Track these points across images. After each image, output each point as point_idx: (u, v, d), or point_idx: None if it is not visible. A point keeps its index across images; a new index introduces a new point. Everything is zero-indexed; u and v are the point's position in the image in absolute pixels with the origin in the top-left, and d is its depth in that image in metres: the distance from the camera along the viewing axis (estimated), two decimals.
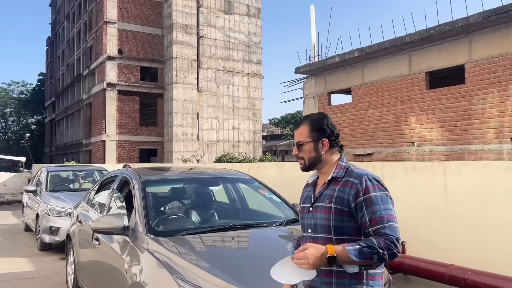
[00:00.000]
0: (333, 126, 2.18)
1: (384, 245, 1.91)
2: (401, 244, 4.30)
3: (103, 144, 29.32)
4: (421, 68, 11.33)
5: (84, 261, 4.69)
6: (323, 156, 2.17)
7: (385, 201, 2.02)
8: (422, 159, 10.80)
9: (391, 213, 2.00)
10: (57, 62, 48.41)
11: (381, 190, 2.04)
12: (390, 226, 1.96)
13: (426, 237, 4.40)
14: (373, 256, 1.90)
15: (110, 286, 3.75)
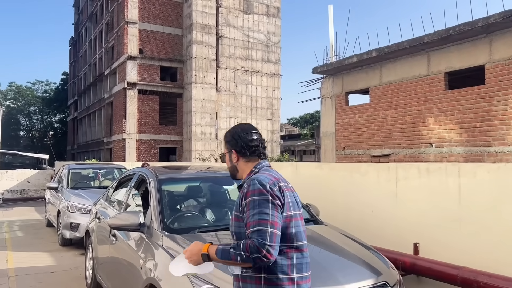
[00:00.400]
0: (245, 137, 2.28)
1: (247, 248, 1.92)
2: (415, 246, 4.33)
3: (124, 143, 29.78)
4: (440, 68, 11.19)
5: (102, 256, 4.83)
6: (238, 165, 2.29)
7: (261, 205, 2.00)
8: (440, 160, 10.68)
9: (264, 218, 1.98)
10: (80, 62, 49.36)
11: (261, 194, 2.03)
12: (258, 231, 1.95)
13: (439, 239, 4.39)
14: (237, 258, 1.94)
15: (126, 281, 3.87)
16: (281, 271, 2.04)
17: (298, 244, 2.11)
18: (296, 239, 2.11)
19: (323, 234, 3.90)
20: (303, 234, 2.18)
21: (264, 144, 2.38)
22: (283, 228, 2.04)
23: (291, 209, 2.12)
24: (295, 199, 2.23)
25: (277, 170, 6.65)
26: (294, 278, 2.06)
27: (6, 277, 6.19)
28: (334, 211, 5.50)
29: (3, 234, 10.13)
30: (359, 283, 2.93)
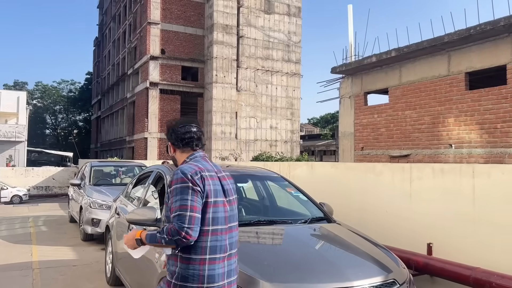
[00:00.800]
0: (178, 130, 2.54)
1: (169, 232, 2.18)
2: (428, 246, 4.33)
3: (145, 141, 30.26)
4: (460, 68, 11.04)
5: (120, 251, 4.99)
6: (176, 156, 2.58)
7: (182, 192, 2.24)
8: (460, 161, 10.54)
9: (184, 203, 2.22)
10: (104, 62, 50.30)
11: (182, 182, 2.26)
12: (178, 215, 2.19)
13: (452, 239, 4.39)
14: (162, 241, 2.21)
15: (143, 275, 4.00)
16: (195, 251, 2.27)
17: (213, 228, 2.32)
18: (212, 223, 2.31)
19: (335, 232, 3.96)
20: (223, 219, 2.37)
21: (200, 136, 2.60)
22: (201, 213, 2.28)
23: (211, 196, 2.33)
24: (223, 187, 2.46)
25: (293, 169, 6.73)
26: (206, 259, 2.29)
27: (30, 269, 6.44)
28: (348, 210, 5.54)
29: (28, 228, 10.49)
30: (368, 279, 2.98)
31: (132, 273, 4.48)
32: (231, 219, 2.45)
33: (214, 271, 2.30)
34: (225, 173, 2.57)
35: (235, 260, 2.48)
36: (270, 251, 3.48)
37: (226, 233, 2.38)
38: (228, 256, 2.39)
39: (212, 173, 2.44)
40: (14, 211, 14.30)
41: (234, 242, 2.46)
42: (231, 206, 2.47)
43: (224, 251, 2.36)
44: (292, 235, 3.82)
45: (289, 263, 3.14)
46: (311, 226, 4.06)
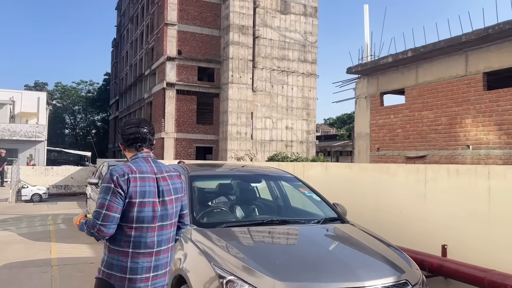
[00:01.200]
0: (124, 130, 2.72)
1: (89, 224, 2.48)
2: (443, 247, 4.30)
3: (162, 141, 30.57)
4: (478, 68, 10.88)
5: None
6: (125, 154, 2.78)
7: (105, 192, 2.48)
8: (478, 162, 10.39)
9: (103, 202, 2.46)
10: (121, 63, 50.95)
11: (108, 182, 2.49)
12: (96, 212, 2.46)
13: (468, 241, 4.35)
14: (85, 231, 2.52)
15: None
16: (119, 244, 2.50)
17: (138, 225, 2.50)
18: (137, 221, 2.50)
19: (347, 232, 3.97)
20: (150, 218, 2.54)
21: (145, 137, 2.70)
22: (125, 211, 2.47)
23: (136, 197, 2.49)
24: (159, 188, 2.60)
25: (307, 169, 6.74)
26: (129, 252, 2.49)
27: (49, 266, 6.60)
28: (363, 211, 5.53)
29: (48, 226, 10.72)
30: (380, 280, 2.99)
31: None
32: (162, 218, 2.59)
33: (137, 264, 2.50)
34: (173, 173, 2.73)
35: (167, 255, 2.64)
36: (282, 250, 3.51)
37: (153, 231, 2.55)
38: (156, 252, 2.57)
39: (147, 174, 2.57)
40: (34, 209, 14.61)
41: (164, 239, 2.61)
42: (165, 206, 2.60)
43: (150, 247, 2.53)
44: (305, 235, 3.84)
45: (301, 262, 3.16)
46: (324, 226, 4.08)
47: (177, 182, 2.74)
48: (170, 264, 2.70)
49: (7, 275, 6.05)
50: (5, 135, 34.37)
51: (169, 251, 2.68)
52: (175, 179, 2.73)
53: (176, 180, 2.74)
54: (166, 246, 2.64)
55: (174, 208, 2.68)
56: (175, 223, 2.73)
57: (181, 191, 2.77)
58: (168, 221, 2.64)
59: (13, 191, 18.34)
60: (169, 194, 2.64)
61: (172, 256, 2.72)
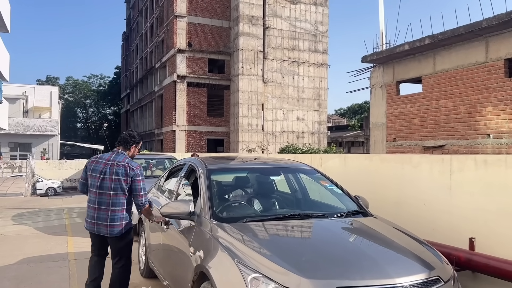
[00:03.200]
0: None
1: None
2: (470, 240, 4.15)
3: (174, 134, 30.61)
4: (499, 55, 10.57)
5: (154, 243, 5.01)
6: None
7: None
8: (499, 152, 10.12)
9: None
10: (132, 56, 51.06)
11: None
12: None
13: (497, 234, 4.19)
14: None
15: (176, 268, 3.99)
16: (88, 200, 4.24)
17: (90, 189, 4.19)
18: (90, 186, 4.19)
19: (372, 227, 3.83)
20: (95, 185, 4.15)
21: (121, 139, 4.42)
22: (87, 179, 4.24)
23: (90, 171, 4.20)
24: (104, 169, 4.14)
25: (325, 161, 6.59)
26: (87, 204, 4.24)
27: (66, 260, 6.58)
28: (384, 203, 5.38)
29: (63, 220, 10.75)
30: (410, 277, 2.85)
31: (166, 266, 4.48)
32: (101, 187, 4.10)
33: (88, 212, 4.20)
34: (121, 163, 4.15)
35: (107, 214, 4.09)
36: (307, 245, 3.38)
37: (95, 194, 4.13)
38: (98, 208, 4.12)
39: (101, 160, 4.21)
40: (49, 203, 14.71)
41: (103, 202, 4.10)
42: (104, 181, 4.10)
43: (93, 204, 4.15)
44: (328, 229, 3.70)
45: (328, 258, 3.03)
46: (347, 220, 3.93)
47: (121, 169, 4.12)
48: (113, 221, 4.10)
49: (26, 269, 6.04)
50: (19, 130, 34.71)
51: (109, 212, 4.09)
52: (120, 167, 4.13)
53: (120, 168, 4.13)
54: (106, 208, 4.09)
55: (113, 184, 4.08)
56: (114, 195, 4.09)
57: (123, 175, 4.10)
58: (106, 191, 4.09)
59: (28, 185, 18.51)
60: (110, 174, 4.09)
61: (116, 217, 4.11)
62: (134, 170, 4.13)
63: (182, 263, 3.75)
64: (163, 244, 4.55)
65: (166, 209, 3.82)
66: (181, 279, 3.73)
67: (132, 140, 4.34)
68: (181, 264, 3.77)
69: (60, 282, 5.47)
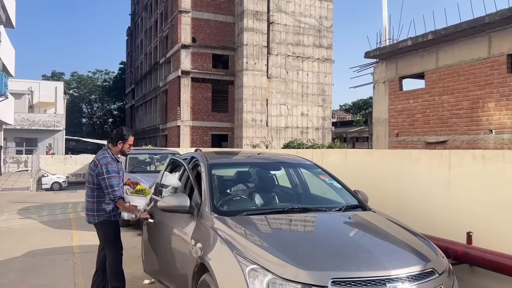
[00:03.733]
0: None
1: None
2: (468, 234, 4.21)
3: (178, 129, 30.69)
4: (502, 50, 10.55)
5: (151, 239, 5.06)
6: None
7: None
8: (501, 147, 10.13)
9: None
10: (136, 51, 51.13)
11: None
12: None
13: (494, 229, 4.23)
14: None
15: (178, 260, 4.07)
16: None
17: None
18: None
19: (370, 220, 3.89)
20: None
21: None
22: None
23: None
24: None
25: (326, 156, 6.65)
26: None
27: (71, 253, 6.70)
28: (384, 198, 5.43)
29: (68, 214, 10.89)
30: (405, 269, 2.91)
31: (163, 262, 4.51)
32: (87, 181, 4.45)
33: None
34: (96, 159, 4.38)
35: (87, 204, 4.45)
36: (305, 238, 3.45)
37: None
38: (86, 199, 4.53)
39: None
40: (54, 198, 14.87)
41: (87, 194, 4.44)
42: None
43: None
44: (327, 222, 3.77)
45: (324, 250, 3.10)
46: (346, 214, 4.00)
47: (92, 163, 4.39)
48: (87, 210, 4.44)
49: (32, 262, 6.16)
50: (24, 125, 34.94)
51: (86, 202, 4.46)
52: (92, 162, 4.41)
53: (92, 162, 4.41)
54: (87, 199, 4.42)
55: (90, 178, 4.33)
56: (87, 187, 4.41)
57: (91, 169, 4.33)
58: (87, 184, 4.42)
59: (34, 180, 18.68)
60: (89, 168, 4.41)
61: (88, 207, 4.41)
62: (98, 166, 4.28)
63: (183, 255, 3.82)
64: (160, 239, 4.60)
65: (164, 204, 3.91)
66: (180, 272, 3.81)
67: (117, 136, 4.47)
68: (182, 257, 3.85)
69: (65, 274, 5.59)
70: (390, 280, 2.79)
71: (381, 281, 2.78)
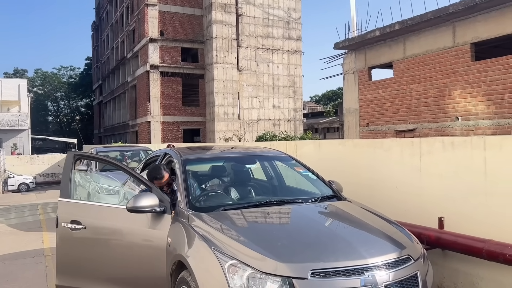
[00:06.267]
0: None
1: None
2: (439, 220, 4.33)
3: (148, 125, 30.22)
4: (466, 39, 10.85)
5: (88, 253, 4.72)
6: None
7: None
8: (467, 134, 10.45)
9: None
10: (102, 46, 49.91)
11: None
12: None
13: (464, 213, 4.36)
14: None
15: (144, 263, 3.77)
16: None
17: None
18: None
19: (346, 210, 3.93)
20: None
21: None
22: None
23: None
24: None
25: (300, 147, 6.67)
26: None
27: (42, 256, 6.51)
28: (357, 187, 5.50)
29: (38, 216, 10.57)
30: (382, 257, 2.96)
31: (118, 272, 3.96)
32: None
33: None
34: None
35: None
36: (282, 231, 3.45)
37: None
38: None
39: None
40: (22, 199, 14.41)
41: None
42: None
43: None
44: (303, 214, 3.79)
45: (303, 242, 3.12)
46: (321, 204, 4.03)
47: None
48: None
49: (1, 267, 5.94)
50: None
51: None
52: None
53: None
54: None
55: None
56: None
57: None
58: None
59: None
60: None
61: None
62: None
63: (150, 257, 3.63)
64: (105, 246, 3.96)
65: (133, 204, 3.56)
66: (147, 275, 3.65)
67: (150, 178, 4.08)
68: (149, 259, 3.64)
69: (37, 278, 5.42)
70: (368, 269, 2.84)
71: (359, 270, 2.82)
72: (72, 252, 4.00)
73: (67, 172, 4.12)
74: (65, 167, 4.17)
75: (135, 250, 3.76)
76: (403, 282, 2.95)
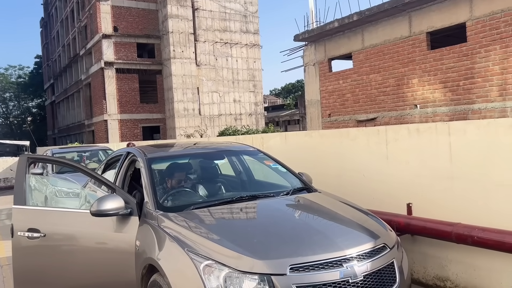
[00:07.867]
0: None
1: None
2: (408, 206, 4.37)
3: (105, 124, 29.34)
4: (421, 28, 11.13)
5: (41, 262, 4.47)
6: None
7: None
8: (426, 121, 10.76)
9: None
10: (53, 43, 47.92)
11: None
12: None
13: (432, 198, 4.42)
14: None
15: (110, 270, 3.57)
16: None
17: None
18: None
19: (317, 202, 3.89)
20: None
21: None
22: None
23: None
24: None
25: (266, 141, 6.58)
26: None
27: None
28: (326, 177, 5.50)
29: None
30: (358, 247, 2.93)
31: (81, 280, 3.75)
32: None
33: None
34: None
35: None
36: (257, 227, 3.36)
37: None
38: None
39: None
40: None
41: None
42: None
43: None
44: (276, 208, 3.71)
45: (279, 237, 3.03)
46: (293, 197, 3.96)
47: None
48: None
49: None
50: None
51: None
52: None
53: None
54: None
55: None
56: None
57: None
58: None
59: None
60: None
61: None
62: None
63: (117, 263, 3.45)
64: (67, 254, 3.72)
65: (96, 207, 3.34)
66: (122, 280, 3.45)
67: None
68: (115, 265, 3.46)
69: None
70: (346, 260, 2.80)
71: (338, 262, 2.78)
72: (32, 262, 3.72)
73: (20, 177, 3.80)
74: (18, 171, 3.84)
75: (101, 256, 3.57)
76: (381, 271, 2.94)
